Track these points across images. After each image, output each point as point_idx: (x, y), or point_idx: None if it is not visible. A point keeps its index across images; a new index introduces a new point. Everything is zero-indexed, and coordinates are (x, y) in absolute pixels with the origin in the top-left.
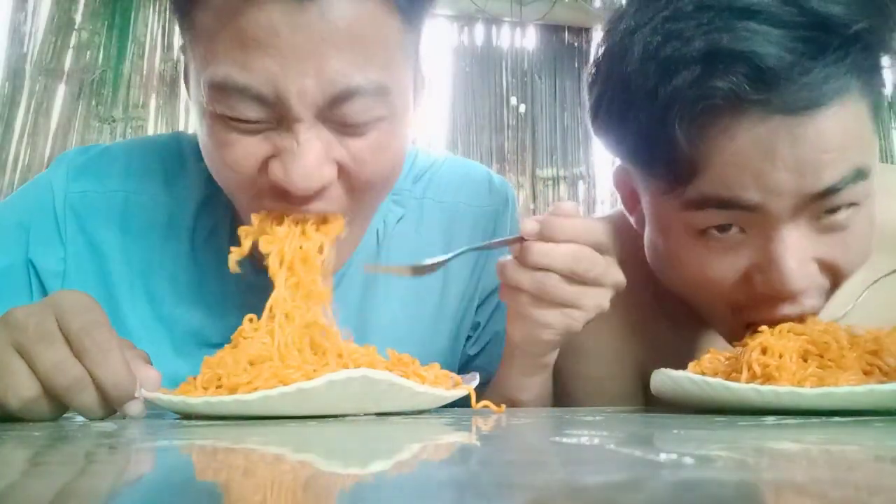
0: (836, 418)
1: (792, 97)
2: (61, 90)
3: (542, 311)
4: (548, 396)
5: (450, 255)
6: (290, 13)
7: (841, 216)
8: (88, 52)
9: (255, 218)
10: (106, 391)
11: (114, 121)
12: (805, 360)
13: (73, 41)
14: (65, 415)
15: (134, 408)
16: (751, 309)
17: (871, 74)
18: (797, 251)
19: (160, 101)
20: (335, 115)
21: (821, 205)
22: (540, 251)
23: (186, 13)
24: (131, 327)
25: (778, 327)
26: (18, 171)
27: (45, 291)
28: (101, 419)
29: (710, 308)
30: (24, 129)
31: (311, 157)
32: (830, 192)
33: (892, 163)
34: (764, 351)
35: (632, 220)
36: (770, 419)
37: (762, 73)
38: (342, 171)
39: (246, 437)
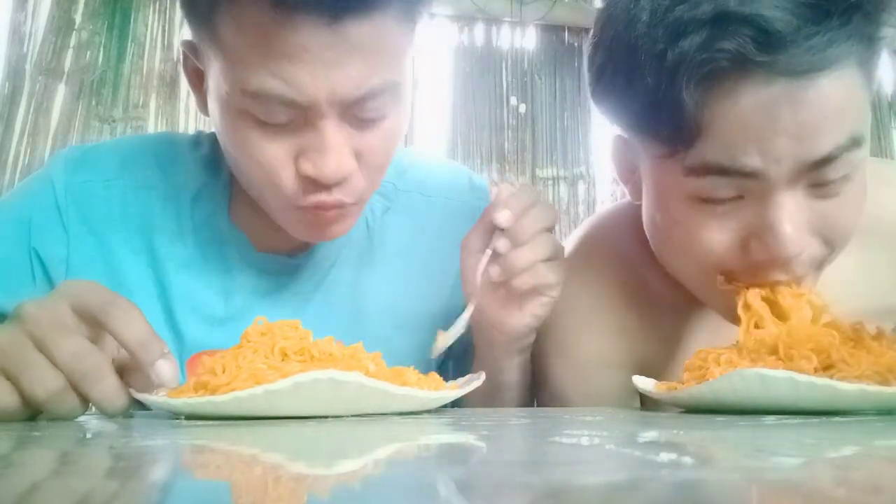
0: (837, 418)
1: (795, 60)
2: (61, 90)
3: (538, 299)
4: (527, 377)
5: (460, 322)
6: (319, 34)
7: (835, 185)
8: (88, 52)
9: None
10: (133, 351)
11: (114, 121)
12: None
13: (73, 41)
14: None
15: (165, 369)
16: (743, 275)
17: (870, 43)
18: (793, 216)
19: (160, 101)
20: (355, 112)
21: (817, 173)
22: (524, 255)
23: (208, 23)
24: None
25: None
26: (18, 171)
27: (48, 278)
28: (122, 415)
29: (706, 280)
30: (24, 129)
31: (338, 151)
32: (827, 160)
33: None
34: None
35: (626, 189)
36: (770, 419)
37: (768, 36)
38: (359, 159)
39: (239, 437)
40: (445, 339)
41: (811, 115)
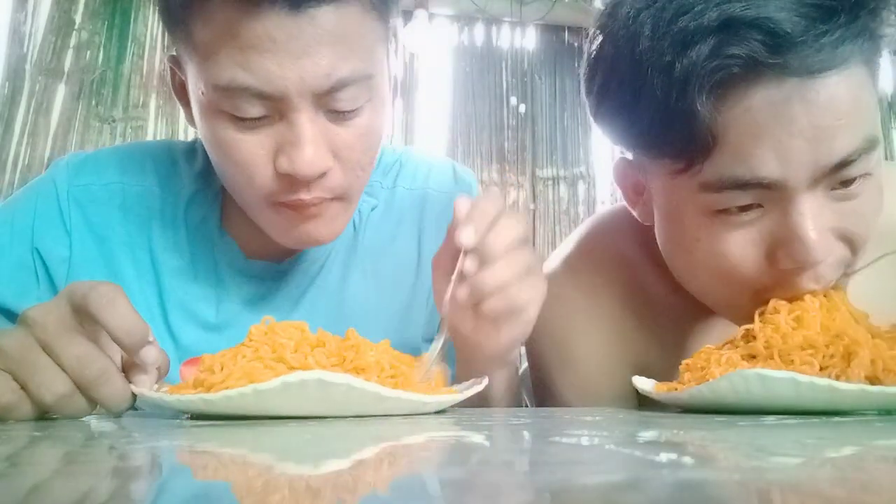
0: (837, 418)
1: (807, 60)
2: (61, 90)
3: (513, 320)
4: (515, 387)
5: (434, 350)
6: (284, 23)
7: (854, 187)
8: (88, 52)
9: None
10: (119, 339)
11: (114, 121)
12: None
13: (73, 41)
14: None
15: (150, 354)
16: (772, 286)
17: (875, 40)
18: (817, 221)
19: (160, 101)
20: (329, 103)
21: (836, 176)
22: (493, 276)
23: (182, 24)
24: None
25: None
26: (18, 171)
27: (51, 278)
28: (126, 412)
29: (729, 294)
30: (24, 129)
31: (312, 144)
32: (846, 163)
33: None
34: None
35: (635, 213)
36: (770, 419)
37: (778, 38)
38: (337, 156)
39: (239, 438)
40: (420, 370)
41: (825, 115)
